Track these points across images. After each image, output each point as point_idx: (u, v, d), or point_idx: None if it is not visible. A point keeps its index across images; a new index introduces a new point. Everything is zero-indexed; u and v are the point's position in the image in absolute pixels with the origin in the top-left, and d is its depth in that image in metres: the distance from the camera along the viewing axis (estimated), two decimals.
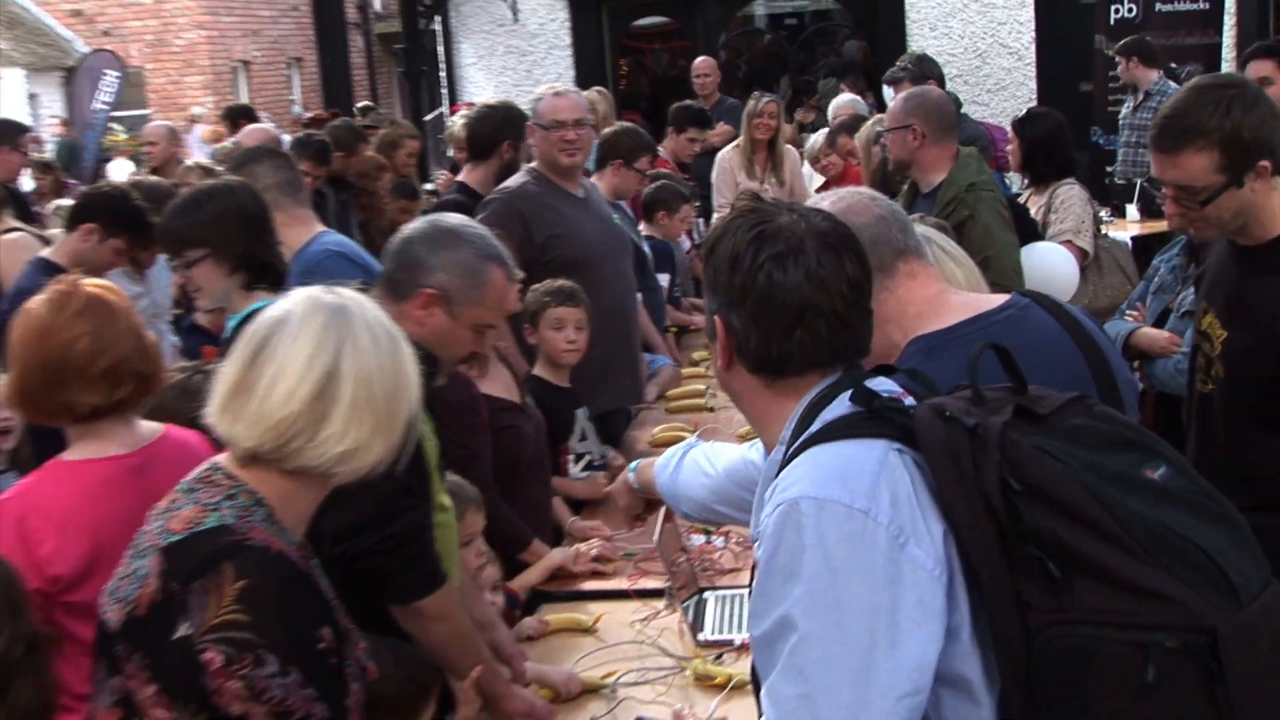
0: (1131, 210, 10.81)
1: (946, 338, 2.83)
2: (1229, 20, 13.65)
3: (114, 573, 2.89)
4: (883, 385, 2.53)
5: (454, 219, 4.12)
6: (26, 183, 12.19)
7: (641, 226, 8.53)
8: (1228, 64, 13.00)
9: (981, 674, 2.32)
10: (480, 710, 3.76)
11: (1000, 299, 3.12)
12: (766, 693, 2.38)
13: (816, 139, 10.59)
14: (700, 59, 14.10)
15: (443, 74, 21.57)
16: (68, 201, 8.87)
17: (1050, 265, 6.59)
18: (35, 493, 3.64)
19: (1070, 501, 2.22)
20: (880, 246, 3.00)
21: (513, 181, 6.76)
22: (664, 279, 8.49)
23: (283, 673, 2.65)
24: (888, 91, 10.78)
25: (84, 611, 3.45)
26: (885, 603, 2.26)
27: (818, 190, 9.62)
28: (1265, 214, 3.81)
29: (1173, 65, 11.07)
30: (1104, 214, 9.09)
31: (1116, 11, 13.10)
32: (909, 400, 2.50)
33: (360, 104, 16.79)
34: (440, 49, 21.38)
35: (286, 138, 10.44)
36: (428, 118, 17.29)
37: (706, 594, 4.59)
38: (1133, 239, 9.54)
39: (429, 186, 11.70)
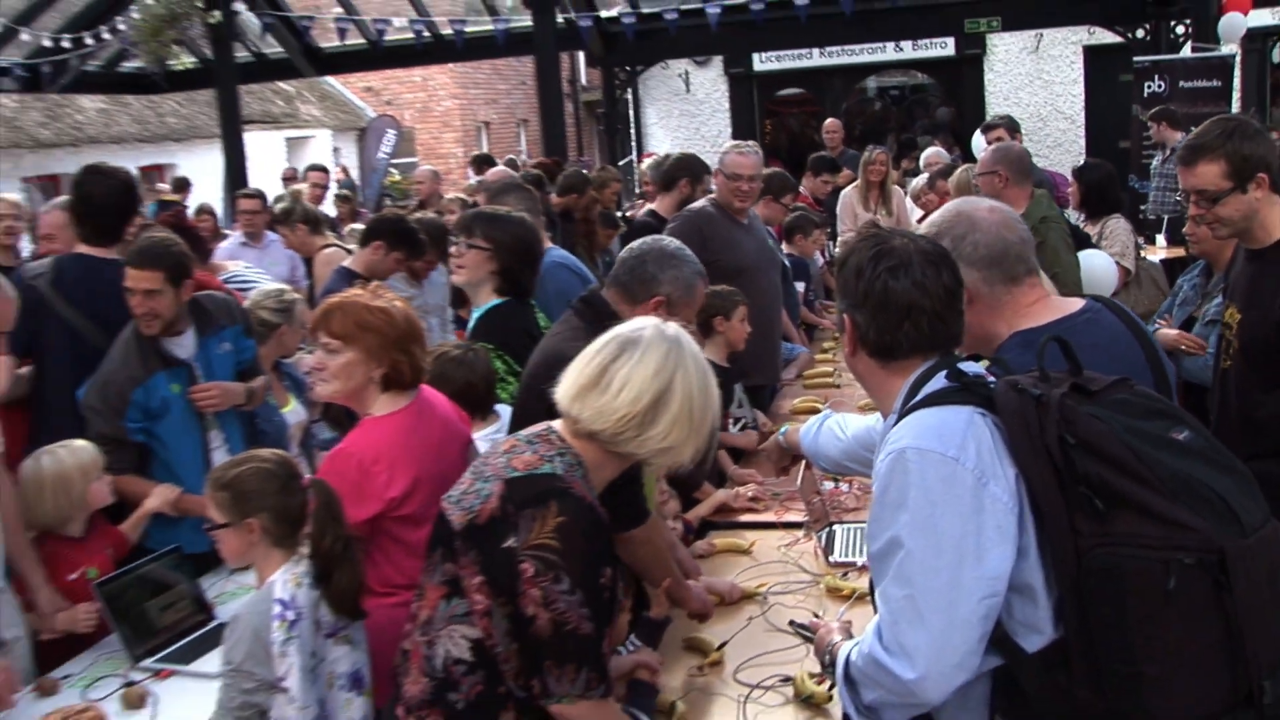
0: (1160, 239, 10.66)
1: (1042, 333, 2.80)
2: (1235, 95, 13.50)
3: (456, 487, 2.96)
4: (971, 367, 2.54)
5: (673, 244, 4.17)
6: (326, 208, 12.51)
7: (783, 246, 8.52)
8: None
9: (1043, 584, 2.33)
10: (669, 608, 3.80)
11: (1080, 304, 3.07)
12: (880, 595, 2.42)
13: (919, 181, 10.53)
14: (829, 120, 14.04)
15: (632, 130, 21.70)
16: (359, 225, 9.10)
17: (1096, 267, 6.54)
18: (363, 440, 3.71)
19: (1113, 453, 2.23)
20: (1019, 261, 2.96)
21: (696, 205, 6.78)
22: (800, 287, 8.43)
23: (571, 592, 2.68)
24: (978, 140, 10.73)
25: (408, 522, 3.59)
26: (971, 528, 2.29)
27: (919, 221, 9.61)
28: (1268, 221, 3.86)
29: (1192, 128, 10.83)
30: (1140, 241, 8.94)
31: (1148, 87, 12.92)
32: (991, 378, 2.51)
33: (571, 158, 16.83)
34: (631, 112, 21.50)
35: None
36: (620, 163, 17.34)
37: (835, 527, 4.57)
38: (1160, 261, 9.37)
39: (618, 214, 11.81)
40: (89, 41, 13.92)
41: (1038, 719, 2.36)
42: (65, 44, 13.74)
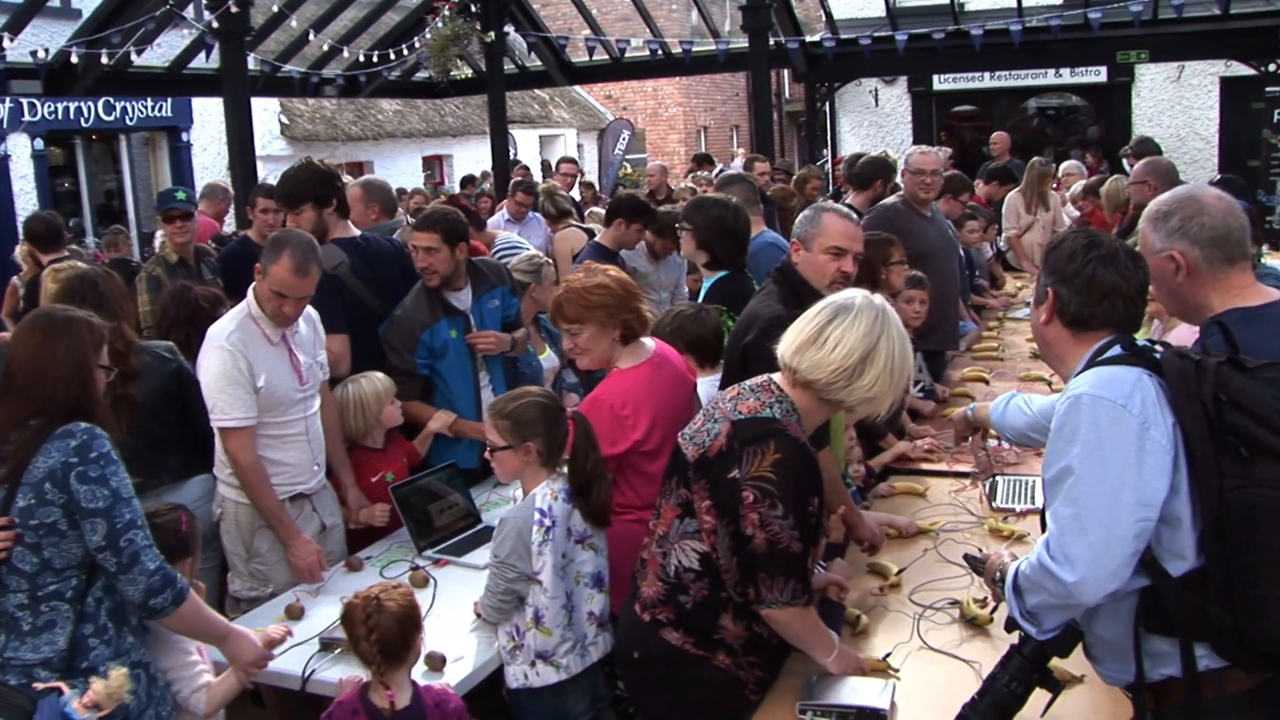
0: None
1: (1257, 313, 2.71)
2: None
3: (690, 426, 3.00)
4: (1142, 341, 2.49)
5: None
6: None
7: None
8: None
9: (1189, 518, 2.28)
10: (843, 532, 3.80)
11: (1277, 294, 2.90)
12: (1050, 514, 2.39)
13: (1076, 188, 10.25)
14: (997, 133, 13.64)
15: (827, 137, 21.43)
16: (599, 209, 9.24)
17: None
18: (613, 389, 3.79)
19: (1258, 411, 2.22)
20: (1237, 246, 2.82)
21: (887, 200, 6.69)
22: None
23: (784, 517, 2.72)
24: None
25: (648, 455, 3.67)
26: (1132, 461, 2.25)
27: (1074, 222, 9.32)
28: None
29: None
30: (1264, 248, 8.49)
31: (1277, 115, 12.39)
32: (1158, 351, 2.45)
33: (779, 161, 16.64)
34: (827, 122, 21.23)
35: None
36: (816, 164, 17.13)
37: (998, 478, 4.46)
38: None
39: None
40: (391, 56, 14.43)
41: (1175, 631, 2.33)
42: (374, 58, 14.28)
